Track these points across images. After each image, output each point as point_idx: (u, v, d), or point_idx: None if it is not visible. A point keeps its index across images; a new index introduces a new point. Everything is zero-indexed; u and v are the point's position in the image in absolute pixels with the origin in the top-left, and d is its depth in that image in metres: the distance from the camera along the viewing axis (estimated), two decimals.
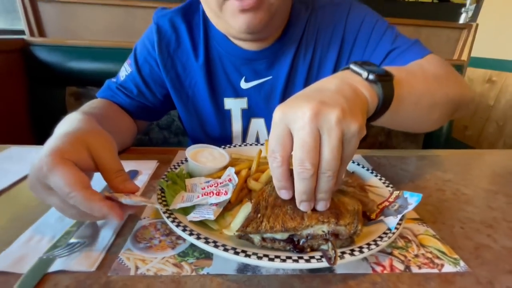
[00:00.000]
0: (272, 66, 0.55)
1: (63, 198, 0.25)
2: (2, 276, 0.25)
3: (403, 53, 0.49)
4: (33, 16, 0.94)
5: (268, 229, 0.26)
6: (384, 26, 0.52)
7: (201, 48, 0.54)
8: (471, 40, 1.09)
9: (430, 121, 0.42)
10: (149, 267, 0.27)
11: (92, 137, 0.29)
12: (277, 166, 0.25)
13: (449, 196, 0.42)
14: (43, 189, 0.26)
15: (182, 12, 0.55)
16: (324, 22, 0.54)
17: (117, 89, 0.55)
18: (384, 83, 0.30)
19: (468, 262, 0.29)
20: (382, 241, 0.26)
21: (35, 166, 0.26)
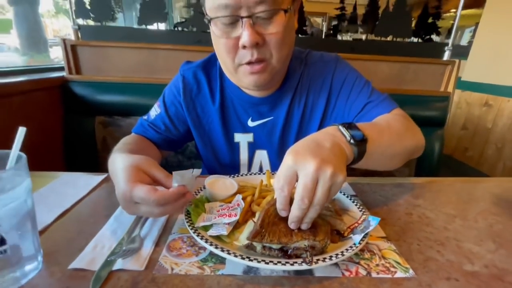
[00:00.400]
0: (273, 109, 0.68)
1: (147, 204, 0.38)
2: (82, 272, 0.36)
3: (376, 106, 0.62)
4: (72, 57, 1.10)
5: (268, 241, 0.36)
6: (363, 82, 0.66)
7: (217, 95, 0.68)
8: (455, 74, 1.20)
9: (391, 166, 0.57)
10: (180, 268, 0.37)
11: (142, 164, 0.43)
12: (284, 196, 0.37)
13: (415, 219, 0.52)
14: (132, 205, 0.39)
15: (203, 66, 0.69)
16: (315, 75, 0.67)
17: (148, 126, 0.68)
18: (359, 146, 0.44)
19: (416, 271, 0.39)
20: (347, 252, 0.37)
21: (120, 195, 0.39)
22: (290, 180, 0.37)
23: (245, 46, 0.52)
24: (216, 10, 0.51)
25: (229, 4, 0.49)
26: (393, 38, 1.28)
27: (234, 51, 0.54)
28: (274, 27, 0.52)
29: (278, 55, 0.55)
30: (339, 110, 0.66)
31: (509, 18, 2.28)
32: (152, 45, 1.14)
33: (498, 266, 0.40)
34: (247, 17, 0.50)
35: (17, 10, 2.57)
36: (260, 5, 0.49)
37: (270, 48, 0.54)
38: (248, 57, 0.53)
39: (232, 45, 0.53)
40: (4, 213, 0.30)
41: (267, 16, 0.51)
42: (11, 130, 0.98)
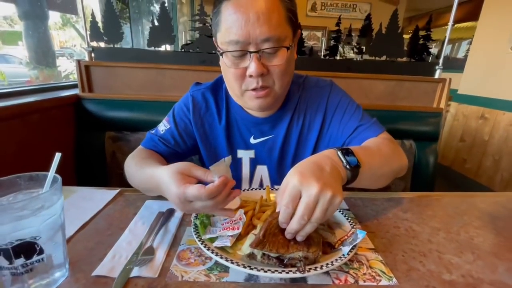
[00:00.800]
0: (274, 128, 0.74)
1: (201, 200, 0.44)
2: (104, 278, 0.41)
3: (367, 129, 0.69)
4: (86, 77, 1.18)
5: (268, 250, 0.41)
6: (354, 106, 0.73)
7: (223, 114, 0.74)
8: (446, 91, 1.27)
9: (378, 185, 0.64)
10: (189, 276, 0.42)
11: (182, 169, 0.48)
12: (288, 213, 0.42)
13: (402, 232, 0.57)
14: (188, 204, 0.45)
15: (211, 88, 0.76)
16: (312, 99, 0.74)
17: (159, 141, 0.73)
18: (353, 171, 0.51)
19: (399, 279, 0.43)
20: (337, 262, 0.42)
21: (175, 198, 0.45)
22: (295, 199, 0.42)
23: (251, 76, 0.59)
24: (227, 45, 0.58)
25: (240, 41, 0.56)
26: (387, 58, 1.35)
27: (242, 79, 0.61)
28: (278, 60, 0.60)
29: (280, 83, 0.63)
30: (333, 130, 0.73)
31: (502, 32, 2.37)
32: (160, 65, 1.22)
33: (474, 276, 0.45)
34: (255, 52, 0.57)
35: (28, 24, 2.70)
36: (266, 43, 0.57)
37: (273, 77, 0.61)
38: (254, 85, 0.61)
39: (240, 74, 0.61)
40: (44, 227, 0.35)
41: (271, 52, 0.59)
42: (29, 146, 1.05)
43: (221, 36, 0.59)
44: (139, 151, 0.73)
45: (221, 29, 0.59)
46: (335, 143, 0.73)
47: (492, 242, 0.54)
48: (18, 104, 0.93)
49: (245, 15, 0.55)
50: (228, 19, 0.56)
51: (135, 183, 0.63)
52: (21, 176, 0.39)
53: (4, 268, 0.34)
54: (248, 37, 0.56)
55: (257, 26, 0.55)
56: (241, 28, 0.55)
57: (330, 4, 5.11)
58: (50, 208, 0.36)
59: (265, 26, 0.55)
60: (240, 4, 0.55)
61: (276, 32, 0.57)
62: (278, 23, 0.57)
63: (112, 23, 1.24)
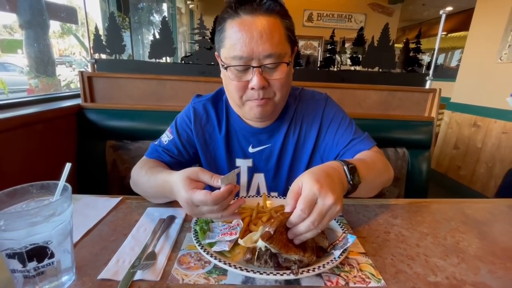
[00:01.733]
0: (271, 137, 0.78)
1: (207, 205, 0.47)
2: (109, 282, 0.43)
3: (360, 142, 0.75)
4: (88, 87, 1.22)
5: (273, 246, 0.43)
6: (348, 120, 0.79)
7: (223, 125, 0.78)
8: (436, 101, 1.32)
9: (368, 195, 0.69)
10: (190, 279, 0.45)
11: (191, 174, 0.51)
12: (302, 218, 0.45)
13: (392, 237, 0.60)
14: (195, 208, 0.49)
15: (212, 100, 0.80)
16: (308, 110, 0.79)
17: (163, 151, 0.76)
18: (354, 187, 0.56)
19: (387, 281, 0.46)
20: (328, 265, 0.44)
21: (184, 202, 0.50)
22: (312, 205, 0.45)
23: (253, 88, 0.64)
24: (231, 60, 0.63)
25: (244, 57, 0.61)
26: (379, 69, 1.41)
27: (243, 91, 0.66)
28: (278, 74, 0.64)
29: (280, 95, 0.67)
30: (327, 141, 0.78)
31: (491, 43, 2.45)
32: (160, 76, 1.26)
33: (458, 277, 0.48)
34: (257, 67, 0.62)
35: (28, 33, 2.74)
36: (268, 59, 0.62)
37: (273, 89, 0.66)
38: (255, 96, 0.65)
39: (242, 86, 0.65)
40: (55, 232, 0.38)
41: (272, 67, 0.63)
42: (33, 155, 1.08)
43: (225, 51, 0.64)
44: (146, 161, 0.75)
45: (225, 45, 0.63)
46: (330, 153, 0.77)
47: (477, 246, 0.58)
48: (22, 115, 0.96)
49: (249, 33, 0.60)
50: (232, 37, 0.61)
51: (145, 190, 0.67)
52: (33, 185, 0.42)
53: (18, 271, 0.37)
54: (252, 53, 0.60)
55: (260, 44, 0.60)
56: (245, 45, 0.60)
57: (326, 15, 5.24)
58: (61, 214, 0.39)
59: (267, 43, 0.60)
60: (244, 23, 0.60)
61: (277, 49, 0.61)
62: (279, 41, 0.62)
63: (115, 36, 1.29)
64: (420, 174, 1.33)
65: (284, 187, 0.80)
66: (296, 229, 0.45)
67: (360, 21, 5.23)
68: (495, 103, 2.38)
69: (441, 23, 1.26)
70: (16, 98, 1.14)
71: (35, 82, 2.80)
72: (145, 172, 0.67)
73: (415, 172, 1.32)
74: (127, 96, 1.26)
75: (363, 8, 5.13)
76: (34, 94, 2.22)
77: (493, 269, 0.50)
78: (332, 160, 0.79)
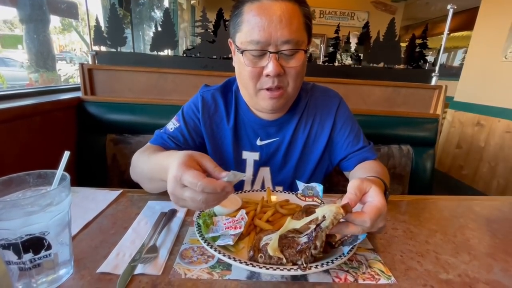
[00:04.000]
0: (280, 131, 0.76)
1: (193, 189, 0.40)
2: (108, 275, 0.42)
3: (368, 151, 0.76)
4: (88, 80, 1.20)
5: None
6: (358, 126, 0.79)
7: (232, 116, 0.76)
8: (442, 98, 1.29)
9: None
10: (192, 274, 0.43)
11: (195, 154, 0.45)
12: (367, 229, 0.43)
13: (400, 233, 0.58)
14: (180, 188, 0.41)
15: (221, 90, 0.78)
16: (321, 107, 0.78)
17: (168, 138, 0.73)
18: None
19: (397, 278, 0.44)
20: (336, 261, 0.43)
21: (172, 178, 0.42)
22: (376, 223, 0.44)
23: (268, 75, 0.62)
24: (247, 44, 0.61)
25: (261, 41, 0.59)
26: (384, 65, 1.38)
27: (257, 78, 0.64)
28: (294, 62, 0.63)
29: (294, 84, 0.65)
30: (339, 141, 0.77)
31: (496, 41, 2.43)
32: (162, 70, 1.23)
33: (470, 275, 0.46)
34: (274, 52, 0.60)
35: (28, 28, 2.72)
36: (285, 45, 0.60)
37: (288, 78, 0.64)
38: (269, 84, 0.63)
39: (257, 73, 0.63)
40: (52, 223, 0.36)
41: (289, 54, 0.62)
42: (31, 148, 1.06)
43: (241, 35, 0.62)
44: (149, 146, 0.73)
45: (242, 29, 0.61)
46: (338, 153, 0.78)
47: (488, 243, 0.56)
48: (21, 106, 0.94)
49: (268, 17, 0.58)
50: (251, 20, 0.59)
51: (142, 171, 0.62)
52: (30, 174, 0.40)
53: (13, 262, 0.35)
54: (269, 38, 0.59)
55: (278, 29, 0.58)
56: (264, 29, 0.58)
57: (328, 12, 5.21)
58: (58, 204, 0.37)
59: (286, 29, 0.58)
60: (263, 7, 0.59)
61: (296, 36, 0.60)
62: (297, 28, 0.60)
63: (116, 28, 1.26)
64: (424, 172, 1.31)
65: (290, 181, 0.79)
66: (349, 231, 0.42)
67: (362, 19, 5.20)
68: (499, 102, 2.36)
69: (449, 18, 1.23)
70: (15, 89, 1.12)
71: (35, 77, 2.78)
72: (147, 155, 0.63)
73: (419, 170, 1.30)
74: (127, 89, 1.24)
75: (366, 5, 5.10)
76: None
77: (506, 267, 0.49)
78: (338, 160, 0.79)
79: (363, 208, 0.45)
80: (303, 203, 0.57)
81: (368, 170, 0.69)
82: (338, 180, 1.14)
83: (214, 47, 1.30)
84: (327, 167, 0.82)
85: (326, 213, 0.40)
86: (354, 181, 0.47)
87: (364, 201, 0.47)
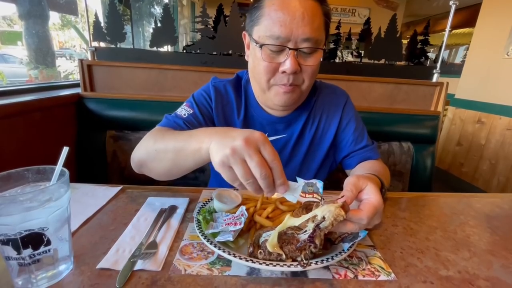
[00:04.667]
0: (288, 128, 0.76)
1: (263, 160, 0.38)
2: (108, 271, 0.42)
3: (371, 150, 0.76)
4: (88, 76, 1.19)
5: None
6: (362, 124, 0.79)
7: (242, 110, 0.76)
8: (443, 95, 1.29)
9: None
10: (192, 269, 0.43)
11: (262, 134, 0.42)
12: (364, 226, 0.44)
13: (400, 230, 0.58)
14: (254, 149, 0.38)
15: (232, 83, 0.77)
16: (328, 105, 0.77)
17: (184, 124, 0.69)
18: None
19: (397, 275, 0.44)
20: (336, 257, 0.43)
21: (242, 138, 0.38)
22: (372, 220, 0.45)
23: (285, 72, 0.61)
24: (266, 38, 0.60)
25: (281, 37, 0.59)
26: (385, 61, 1.37)
27: (273, 74, 0.63)
28: (312, 61, 0.62)
29: (308, 83, 0.65)
30: (344, 138, 0.77)
31: (498, 38, 2.41)
32: (162, 66, 1.23)
33: (470, 272, 0.46)
34: (293, 49, 0.59)
35: (28, 24, 2.70)
36: (305, 42, 0.59)
37: (303, 76, 0.64)
38: (284, 81, 0.63)
39: (273, 68, 0.62)
40: (52, 218, 0.36)
41: (308, 52, 0.61)
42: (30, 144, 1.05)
43: (260, 29, 0.61)
44: (165, 129, 0.66)
45: (261, 23, 0.60)
46: (342, 150, 0.78)
47: (488, 240, 0.56)
48: (20, 102, 0.94)
49: (291, 13, 0.57)
50: (272, 15, 0.58)
51: (166, 148, 0.56)
52: (29, 169, 0.40)
53: (12, 258, 0.35)
54: (290, 34, 0.58)
55: (300, 26, 0.57)
56: (285, 25, 0.57)
57: None
58: (57, 200, 0.37)
59: (308, 26, 0.58)
60: (287, 2, 0.58)
61: (316, 34, 0.59)
62: (318, 26, 0.60)
63: (115, 23, 1.25)
64: (425, 169, 1.31)
65: (293, 179, 0.78)
66: (350, 229, 0.44)
67: (364, 16, 5.16)
68: (501, 99, 2.35)
69: (451, 14, 1.22)
70: (14, 86, 1.11)
71: (34, 73, 2.77)
72: (172, 132, 0.58)
73: (420, 167, 1.30)
74: (127, 86, 1.24)
75: (367, 2, 5.06)
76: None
77: (506, 264, 0.49)
78: (341, 158, 0.79)
79: (360, 206, 0.46)
80: (303, 200, 0.56)
81: (367, 169, 0.68)
82: (338, 177, 1.14)
83: (214, 43, 1.29)
84: (331, 165, 0.82)
85: (326, 214, 0.41)
86: (350, 178, 0.48)
87: (360, 198, 0.47)
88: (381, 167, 0.71)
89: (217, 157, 0.40)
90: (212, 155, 0.43)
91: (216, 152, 0.42)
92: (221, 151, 0.40)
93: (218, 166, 0.41)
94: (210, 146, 0.44)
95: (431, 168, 1.31)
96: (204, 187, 0.71)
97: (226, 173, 0.41)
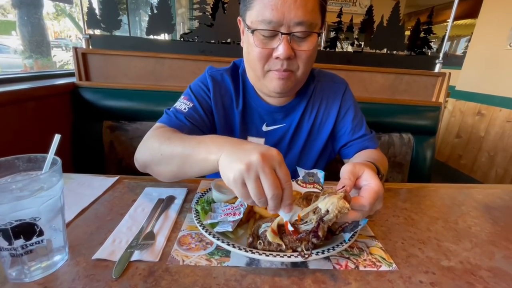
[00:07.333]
0: (286, 117, 0.75)
1: (276, 181, 0.37)
2: (104, 262, 0.41)
3: (369, 139, 0.75)
4: (83, 65, 1.16)
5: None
6: (361, 114, 0.78)
7: (240, 100, 0.73)
8: (445, 86, 1.27)
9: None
10: (190, 260, 0.42)
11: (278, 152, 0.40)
12: (366, 213, 0.43)
13: (401, 220, 0.57)
14: (269, 168, 0.36)
15: (229, 72, 0.75)
16: (327, 93, 0.75)
17: (185, 119, 0.67)
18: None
19: (399, 265, 0.44)
20: (337, 248, 0.42)
21: (257, 153, 0.36)
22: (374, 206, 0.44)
23: (278, 57, 0.59)
24: (258, 23, 0.58)
25: (273, 21, 0.56)
26: (387, 51, 1.35)
27: (266, 60, 0.61)
28: (306, 45, 0.60)
29: (304, 69, 0.63)
30: (342, 127, 0.76)
31: (501, 30, 2.37)
32: (159, 54, 1.20)
33: (472, 262, 0.46)
34: (286, 34, 0.57)
35: (21, 13, 2.63)
36: (299, 26, 0.57)
37: (298, 62, 0.61)
38: (278, 66, 0.61)
39: (266, 54, 0.60)
40: (44, 208, 0.35)
41: (302, 36, 0.58)
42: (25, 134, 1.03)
43: (252, 14, 0.59)
44: (168, 129, 0.63)
45: (253, 7, 0.58)
46: (340, 139, 0.76)
47: (489, 231, 0.55)
48: (14, 90, 0.91)
49: None
50: None
51: (173, 153, 0.52)
52: (20, 158, 0.38)
53: (4, 249, 0.34)
54: (282, 18, 0.55)
55: (292, 9, 0.55)
56: (277, 8, 0.55)
57: None
58: (49, 189, 0.35)
59: (300, 9, 0.55)
60: None
61: (310, 17, 0.57)
62: (312, 9, 0.57)
63: (110, 10, 1.21)
64: (424, 161, 1.31)
65: (293, 169, 0.77)
66: (352, 217, 0.43)
67: (365, 6, 5.06)
68: (502, 91, 2.33)
69: (455, 3, 1.19)
70: (8, 74, 1.08)
71: (29, 62, 2.71)
72: (179, 135, 0.56)
73: (420, 159, 1.30)
74: (123, 75, 1.21)
75: None
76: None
77: (508, 254, 0.48)
78: (339, 147, 0.77)
79: (360, 193, 0.45)
80: (303, 190, 0.55)
81: (365, 157, 0.67)
82: (337, 168, 1.13)
83: (212, 31, 1.25)
84: (330, 155, 0.81)
85: (329, 206, 0.39)
86: (346, 165, 0.47)
87: (359, 185, 0.46)
88: (378, 156, 0.70)
89: (231, 173, 0.38)
90: (224, 170, 0.41)
91: (228, 167, 0.39)
92: (235, 166, 0.38)
93: (231, 182, 0.39)
94: (220, 158, 0.42)
95: (431, 160, 1.30)
96: (203, 177, 0.70)
97: (240, 191, 0.39)
